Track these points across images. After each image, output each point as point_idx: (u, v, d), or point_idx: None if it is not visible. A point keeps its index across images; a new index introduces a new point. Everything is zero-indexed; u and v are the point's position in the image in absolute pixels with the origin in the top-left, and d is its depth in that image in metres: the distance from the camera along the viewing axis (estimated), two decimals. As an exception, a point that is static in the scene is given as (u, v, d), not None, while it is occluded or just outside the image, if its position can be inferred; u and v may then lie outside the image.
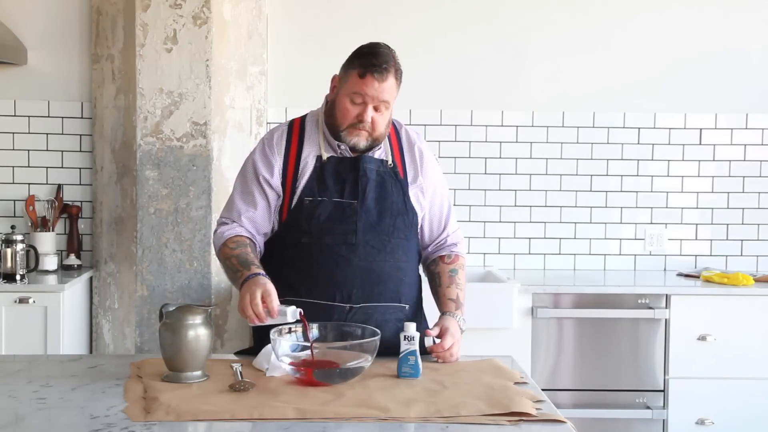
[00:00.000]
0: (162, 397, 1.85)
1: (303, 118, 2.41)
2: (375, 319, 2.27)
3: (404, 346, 2.08)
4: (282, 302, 2.26)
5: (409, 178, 2.38)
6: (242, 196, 2.35)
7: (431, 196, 2.42)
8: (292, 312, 2.08)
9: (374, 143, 2.31)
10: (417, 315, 2.42)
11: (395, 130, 2.42)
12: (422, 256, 2.48)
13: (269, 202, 2.33)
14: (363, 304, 2.28)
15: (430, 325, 2.39)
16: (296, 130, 2.37)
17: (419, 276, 2.46)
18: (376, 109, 2.25)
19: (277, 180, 2.32)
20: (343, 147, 2.32)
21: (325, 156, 2.32)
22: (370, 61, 2.22)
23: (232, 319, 3.82)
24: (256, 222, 2.34)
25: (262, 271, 2.17)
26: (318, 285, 2.27)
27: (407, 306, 2.36)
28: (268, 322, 2.09)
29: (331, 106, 2.33)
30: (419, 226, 2.41)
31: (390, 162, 2.36)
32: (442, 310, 2.36)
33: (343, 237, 2.27)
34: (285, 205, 2.32)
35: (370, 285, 2.28)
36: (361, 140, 2.28)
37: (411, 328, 2.10)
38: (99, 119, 3.92)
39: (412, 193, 2.37)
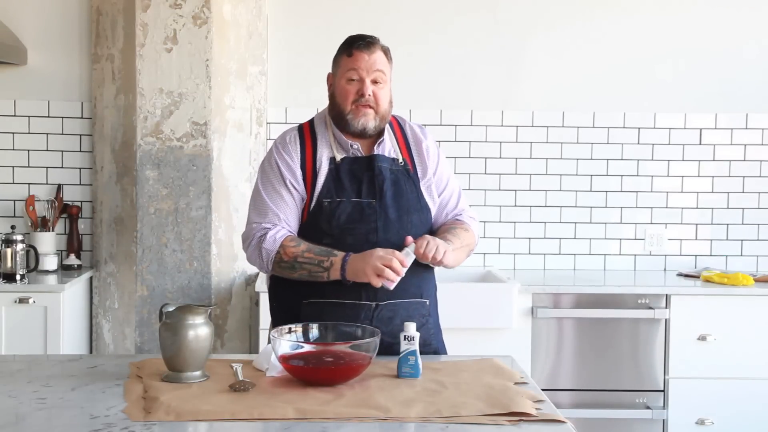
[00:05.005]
0: (162, 397, 1.85)
1: (311, 121, 2.43)
2: (400, 315, 2.29)
3: (404, 346, 2.08)
4: (311, 303, 2.27)
5: (420, 174, 2.40)
6: (273, 200, 2.34)
7: (441, 187, 2.44)
8: (411, 248, 2.22)
9: (381, 123, 2.34)
10: (434, 309, 2.44)
11: (400, 126, 2.44)
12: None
13: (296, 203, 2.34)
14: (388, 302, 2.28)
15: (442, 324, 2.40)
16: (307, 132, 2.39)
17: (433, 271, 2.47)
18: (373, 82, 2.30)
19: (301, 184, 2.33)
20: (355, 146, 2.34)
21: (338, 157, 2.33)
22: (354, 39, 2.33)
23: (232, 319, 3.82)
24: (291, 224, 2.34)
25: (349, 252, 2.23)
26: (343, 285, 2.26)
27: (428, 301, 2.39)
28: (403, 270, 2.18)
29: (331, 99, 2.37)
30: (433, 214, 2.42)
31: (401, 160, 2.38)
32: None
33: (364, 236, 2.28)
34: (305, 207, 2.33)
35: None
36: (369, 120, 2.31)
37: (411, 328, 2.10)
38: (99, 119, 3.92)
39: (424, 188, 2.40)
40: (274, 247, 2.28)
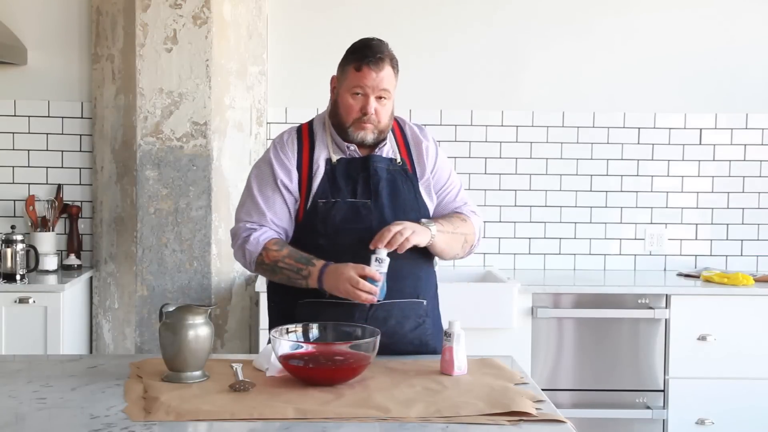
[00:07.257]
0: (162, 397, 1.85)
1: (310, 123, 2.44)
2: (395, 315, 2.30)
3: (374, 267, 2.14)
4: (306, 303, 2.28)
5: (418, 174, 2.40)
6: (263, 200, 2.35)
7: (441, 182, 2.44)
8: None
9: (380, 136, 2.34)
10: (434, 310, 2.44)
11: (399, 127, 2.44)
12: None
13: (288, 206, 2.35)
14: (383, 302, 2.27)
15: (444, 323, 2.40)
16: (305, 133, 2.40)
17: (434, 271, 2.48)
18: (377, 99, 2.29)
19: (294, 185, 2.34)
20: (352, 148, 2.34)
21: (334, 158, 2.34)
22: (364, 53, 2.28)
23: (232, 319, 3.82)
24: (279, 225, 2.35)
25: (328, 261, 2.22)
26: None
27: (425, 301, 2.38)
28: (377, 286, 2.15)
29: (334, 105, 2.36)
30: (432, 213, 2.42)
31: (399, 160, 2.38)
32: None
33: (359, 236, 2.28)
34: (300, 208, 2.34)
35: (389, 282, 2.29)
36: (368, 134, 2.31)
37: (382, 251, 2.15)
38: (99, 119, 3.92)
39: (423, 188, 2.40)
40: (257, 249, 2.30)
